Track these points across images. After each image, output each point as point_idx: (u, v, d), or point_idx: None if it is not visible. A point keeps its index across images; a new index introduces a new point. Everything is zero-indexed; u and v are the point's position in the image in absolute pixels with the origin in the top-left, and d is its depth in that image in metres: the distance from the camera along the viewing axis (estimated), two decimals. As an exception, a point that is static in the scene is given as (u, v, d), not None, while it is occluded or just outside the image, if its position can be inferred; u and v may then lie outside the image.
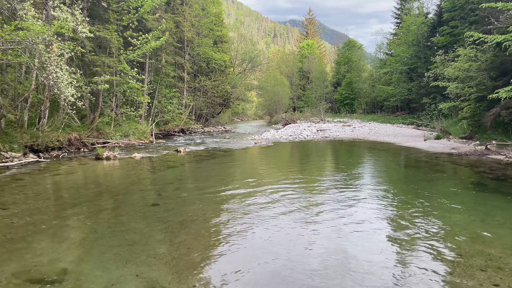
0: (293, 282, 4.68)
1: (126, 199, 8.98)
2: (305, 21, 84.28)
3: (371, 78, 51.34)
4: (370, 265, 5.13)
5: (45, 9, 17.36)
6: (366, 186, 10.33)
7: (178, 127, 30.75)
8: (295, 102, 60.76)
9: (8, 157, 14.28)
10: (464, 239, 6.03)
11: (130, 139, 22.40)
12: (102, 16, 21.82)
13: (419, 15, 39.37)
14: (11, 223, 7.00)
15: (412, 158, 15.77)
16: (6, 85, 15.70)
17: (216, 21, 39.50)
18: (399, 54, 39.21)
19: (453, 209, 7.78)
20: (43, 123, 17.55)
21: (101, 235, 6.39)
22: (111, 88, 22.22)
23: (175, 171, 13.36)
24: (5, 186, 10.36)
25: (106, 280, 4.70)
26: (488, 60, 18.25)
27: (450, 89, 20.71)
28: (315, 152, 19.90)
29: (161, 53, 27.98)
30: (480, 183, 10.48)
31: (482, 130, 19.23)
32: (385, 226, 6.74)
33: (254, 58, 49.09)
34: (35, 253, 5.55)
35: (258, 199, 8.77)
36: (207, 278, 4.82)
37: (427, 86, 29.34)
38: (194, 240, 6.19)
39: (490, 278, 4.68)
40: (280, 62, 68.91)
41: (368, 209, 7.77)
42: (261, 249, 5.75)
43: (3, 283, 4.62)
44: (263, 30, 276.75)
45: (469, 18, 24.98)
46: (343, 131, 30.38)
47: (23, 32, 13.21)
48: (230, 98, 43.04)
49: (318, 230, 6.53)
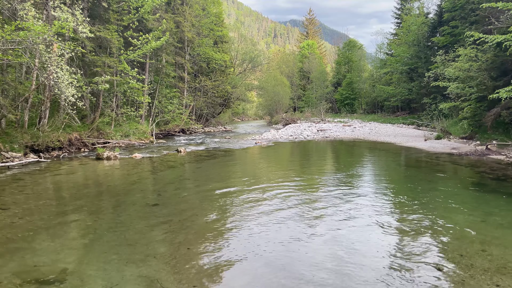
0: (294, 282, 4.68)
1: (126, 199, 8.98)
2: (306, 21, 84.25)
3: (371, 78, 51.36)
4: (370, 265, 5.13)
5: (45, 9, 17.37)
6: (366, 186, 10.32)
7: (178, 127, 30.77)
8: (295, 102, 60.73)
9: (9, 157, 14.30)
10: (464, 239, 6.02)
11: (131, 139, 22.41)
12: (103, 16, 21.84)
13: (420, 15, 39.37)
14: (11, 223, 7.00)
15: (413, 158, 15.76)
16: (7, 85, 15.73)
17: (216, 21, 39.51)
18: (399, 54, 39.21)
19: (453, 209, 7.78)
20: (44, 123, 17.56)
21: (102, 235, 6.39)
22: (112, 88, 22.24)
23: (175, 171, 13.36)
24: (5, 186, 10.37)
25: (107, 280, 4.70)
26: (488, 60, 18.25)
27: (450, 89, 20.70)
28: (316, 152, 19.89)
29: (162, 53, 27.98)
30: (480, 183, 10.47)
31: (483, 130, 19.22)
32: (385, 226, 6.73)
33: (254, 58, 49.07)
34: (36, 253, 5.56)
35: (259, 199, 8.76)
36: (207, 278, 4.82)
37: (428, 86, 29.32)
38: (195, 240, 6.19)
39: (492, 279, 4.67)
40: (281, 62, 68.82)
41: (368, 209, 7.76)
42: (262, 248, 5.74)
43: (3, 283, 4.62)
44: (264, 30, 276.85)
45: (470, 18, 24.98)
46: (343, 131, 30.37)
47: (24, 32, 13.22)
48: (231, 98, 43.07)
49: (320, 231, 6.53)
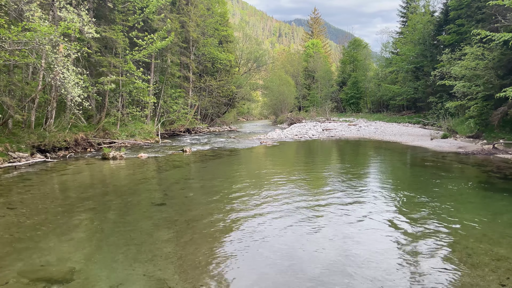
0: (300, 281, 4.67)
1: (132, 198, 9.02)
2: (310, 20, 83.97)
3: (376, 77, 51.15)
4: (377, 263, 5.11)
5: (51, 10, 17.48)
6: (372, 185, 10.28)
7: (183, 127, 30.85)
8: (300, 102, 60.58)
9: (16, 157, 14.41)
10: (472, 239, 5.98)
11: (136, 139, 22.50)
12: (108, 17, 21.94)
13: (425, 14, 39.14)
14: (19, 222, 7.06)
15: (419, 157, 15.67)
16: (14, 86, 15.84)
17: (221, 21, 39.55)
18: (405, 53, 39.02)
19: (460, 209, 7.73)
20: (50, 123, 17.68)
21: (108, 234, 6.42)
22: (117, 88, 22.34)
23: (181, 171, 13.39)
24: (12, 186, 10.46)
25: (113, 280, 4.72)
26: (495, 59, 18.11)
27: (456, 87, 20.56)
28: (321, 152, 19.85)
29: (167, 53, 28.05)
30: (487, 182, 10.39)
31: (490, 129, 19.08)
32: (391, 225, 6.70)
33: (259, 57, 49.03)
34: (43, 253, 5.59)
35: (264, 198, 8.76)
36: (214, 278, 4.83)
37: (434, 85, 29.14)
38: (201, 239, 6.20)
39: (499, 278, 4.64)
40: (285, 62, 68.65)
41: (374, 209, 7.73)
42: (268, 247, 5.74)
43: (11, 282, 4.65)
44: (268, 29, 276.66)
45: (476, 16, 24.81)
46: (348, 130, 30.28)
47: (30, 33, 13.31)
48: (236, 98, 43.11)
49: (325, 230, 6.52)
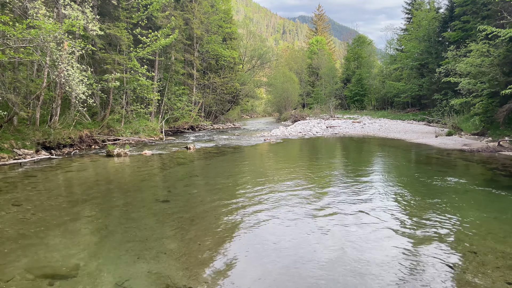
0: (303, 278, 4.68)
1: (137, 195, 9.05)
2: (315, 17, 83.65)
3: (381, 74, 50.94)
4: (381, 261, 5.09)
5: (56, 7, 17.51)
6: (376, 182, 10.25)
7: (187, 124, 30.92)
8: (304, 99, 60.48)
9: (21, 154, 14.50)
10: (477, 237, 5.95)
11: (140, 136, 22.56)
12: (112, 14, 21.98)
13: (430, 10, 38.88)
14: (24, 219, 7.10)
15: (423, 154, 15.60)
16: (19, 83, 15.92)
17: (225, 18, 39.52)
18: (409, 50, 38.80)
19: (465, 206, 7.69)
20: (55, 121, 17.77)
21: (113, 231, 6.45)
22: (122, 85, 22.40)
23: (185, 168, 13.41)
24: (18, 182, 10.52)
25: (118, 276, 4.74)
26: (501, 55, 17.96)
27: (462, 84, 20.44)
28: (325, 149, 19.81)
29: (171, 50, 28.08)
30: (492, 180, 10.33)
31: (495, 126, 18.95)
32: (396, 222, 6.68)
33: (263, 54, 48.99)
34: (48, 249, 5.62)
35: (268, 195, 8.76)
36: (218, 274, 4.83)
37: (438, 82, 28.97)
38: (205, 236, 6.21)
39: (504, 276, 4.61)
40: (289, 59, 68.45)
41: (379, 207, 7.71)
42: (272, 245, 5.74)
43: (16, 278, 4.69)
44: (272, 26, 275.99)
45: (481, 13, 24.63)
46: (353, 127, 30.18)
47: (35, 31, 13.35)
48: (239, 95, 43.15)
49: (329, 227, 6.50)
